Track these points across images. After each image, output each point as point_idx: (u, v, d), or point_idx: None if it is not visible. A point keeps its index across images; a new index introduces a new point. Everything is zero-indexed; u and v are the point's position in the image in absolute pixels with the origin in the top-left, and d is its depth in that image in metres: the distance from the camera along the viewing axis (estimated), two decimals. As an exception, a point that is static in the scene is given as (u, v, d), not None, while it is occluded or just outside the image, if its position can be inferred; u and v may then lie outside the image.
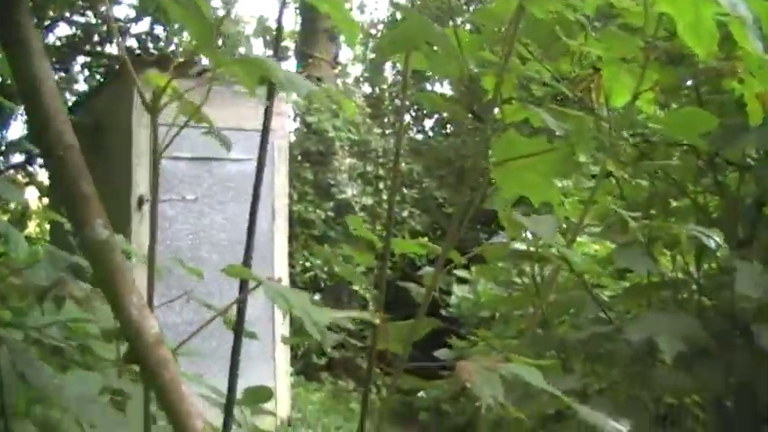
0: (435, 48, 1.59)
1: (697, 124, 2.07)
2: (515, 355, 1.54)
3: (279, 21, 1.76)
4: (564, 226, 2.32)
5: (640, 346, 2.68)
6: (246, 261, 1.59)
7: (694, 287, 2.94)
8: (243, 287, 1.49)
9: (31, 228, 11.81)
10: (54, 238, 8.77)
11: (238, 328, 1.56)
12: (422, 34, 1.44)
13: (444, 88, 14.37)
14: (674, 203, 3.12)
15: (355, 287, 9.75)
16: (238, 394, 2.24)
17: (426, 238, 6.25)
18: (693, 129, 2.11)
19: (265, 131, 1.73)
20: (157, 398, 1.06)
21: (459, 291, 8.59)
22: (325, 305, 9.03)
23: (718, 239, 2.24)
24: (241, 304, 1.57)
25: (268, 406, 2.37)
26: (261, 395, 2.34)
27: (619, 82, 2.06)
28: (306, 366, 9.54)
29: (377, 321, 1.48)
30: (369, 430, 1.85)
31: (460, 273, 7.96)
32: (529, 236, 2.97)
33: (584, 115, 1.89)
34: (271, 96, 1.85)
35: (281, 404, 7.57)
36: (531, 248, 2.84)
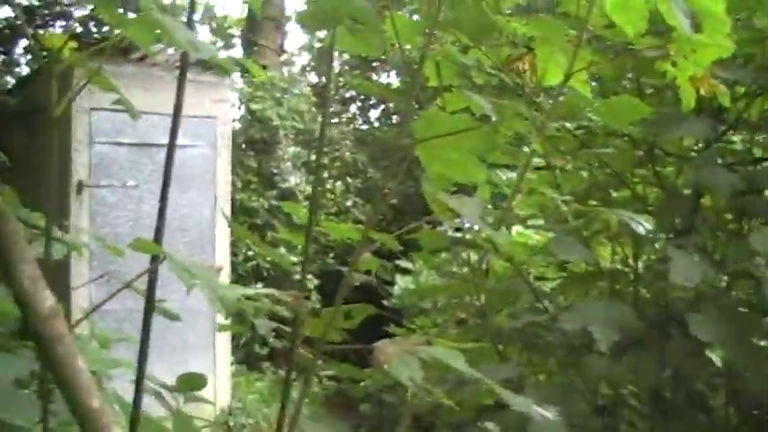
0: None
1: (630, 112, 2.07)
2: (439, 339, 1.52)
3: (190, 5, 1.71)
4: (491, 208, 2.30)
5: (575, 335, 2.68)
6: (157, 236, 1.55)
7: (632, 277, 2.94)
8: (153, 260, 1.45)
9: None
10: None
11: (149, 304, 1.51)
12: (344, 7, 1.40)
13: (392, 78, 14.39)
14: (614, 194, 3.12)
15: (297, 276, 9.72)
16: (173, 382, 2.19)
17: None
18: (627, 117, 2.10)
19: (177, 110, 1.68)
20: (52, 373, 1.02)
21: (401, 281, 8.60)
22: (264, 297, 9.00)
23: (648, 226, 2.23)
24: (152, 276, 1.52)
25: (208, 395, 2.33)
26: (195, 382, 2.29)
27: (552, 62, 2.05)
28: (247, 356, 9.48)
29: (288, 299, 1.43)
30: (298, 418, 1.81)
31: (404, 264, 7.98)
32: (467, 224, 2.96)
33: (515, 101, 1.88)
34: (182, 74, 1.78)
35: (222, 393, 7.51)
36: (467, 235, 2.82)
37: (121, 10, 1.12)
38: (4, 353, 2.19)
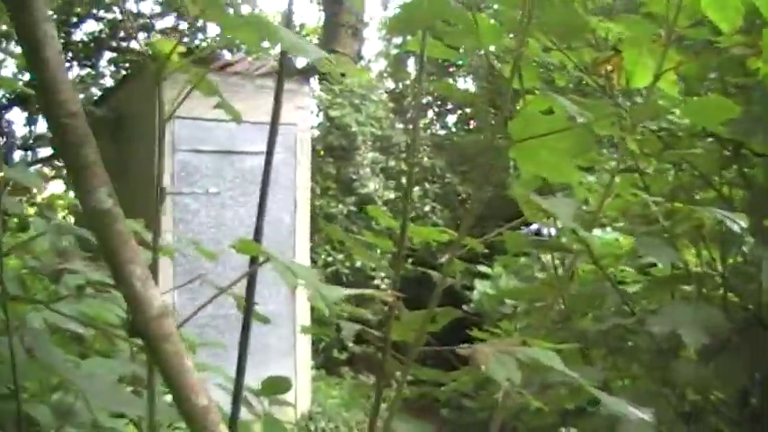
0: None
1: (718, 112, 2.03)
2: (534, 340, 1.51)
3: (288, 11, 1.74)
4: (584, 208, 2.28)
5: (663, 338, 2.64)
6: (257, 237, 1.57)
7: (719, 280, 2.88)
8: (253, 262, 1.46)
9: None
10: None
11: (248, 304, 1.53)
12: (437, 10, 1.40)
13: (468, 84, 14.35)
14: (699, 196, 3.07)
15: (377, 282, 9.74)
16: (257, 385, 2.20)
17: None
18: (715, 117, 2.07)
19: (275, 116, 1.70)
20: (160, 372, 1.04)
21: (480, 286, 8.56)
22: (347, 299, 9.06)
23: (743, 224, 2.19)
24: (251, 279, 1.53)
25: (289, 399, 2.33)
26: (280, 386, 2.30)
27: (640, 64, 2.03)
28: (327, 361, 9.53)
29: (389, 298, 1.44)
30: (391, 422, 1.82)
31: (483, 268, 7.95)
32: (552, 231, 2.94)
33: (604, 101, 1.86)
34: (280, 83, 1.81)
35: (302, 398, 7.57)
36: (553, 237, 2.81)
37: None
38: (102, 357, 2.25)
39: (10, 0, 0.99)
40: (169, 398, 1.07)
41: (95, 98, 10.17)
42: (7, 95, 10.73)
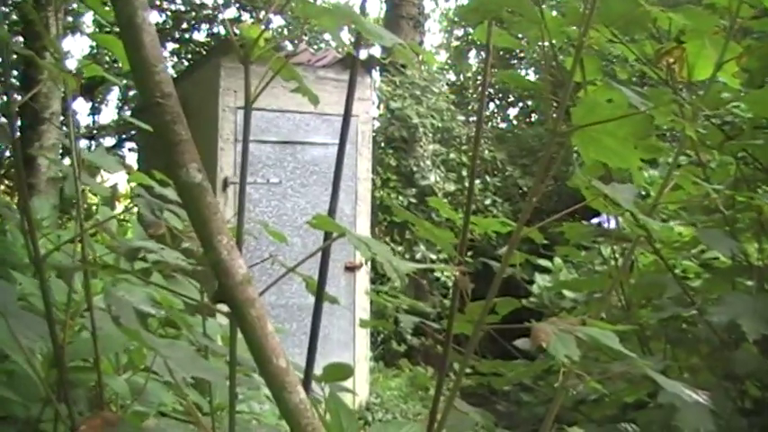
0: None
1: (780, 104, 2.07)
2: (592, 320, 1.57)
3: (362, 5, 1.81)
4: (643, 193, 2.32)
5: (722, 330, 2.67)
6: (331, 212, 1.65)
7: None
8: (326, 238, 1.55)
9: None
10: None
11: (321, 279, 1.61)
12: (504, 0, 1.47)
13: (530, 76, 14.32)
14: (762, 189, 3.09)
15: (438, 275, 9.80)
16: (318, 371, 2.27)
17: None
18: (777, 108, 2.10)
19: (348, 106, 1.78)
20: (244, 335, 1.12)
21: (540, 280, 8.57)
22: (405, 292, 9.09)
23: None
24: (324, 254, 1.62)
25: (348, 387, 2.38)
26: (341, 372, 2.33)
27: (702, 55, 2.07)
28: (385, 353, 9.62)
29: (457, 273, 1.51)
30: (449, 410, 1.87)
31: (543, 262, 7.97)
32: (614, 224, 2.97)
33: (664, 90, 1.91)
34: (353, 77, 1.88)
35: (360, 389, 7.65)
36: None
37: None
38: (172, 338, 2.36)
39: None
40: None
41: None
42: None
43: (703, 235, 2.64)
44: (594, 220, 4.44)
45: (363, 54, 8.17)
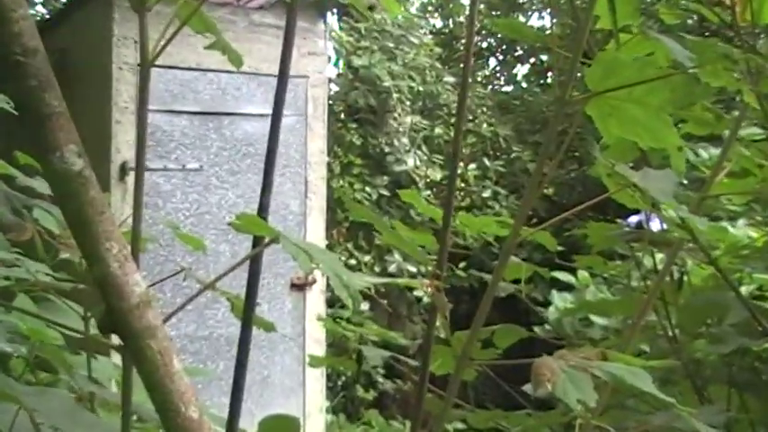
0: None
1: None
2: (617, 354, 1.59)
3: None
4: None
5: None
6: (262, 209, 1.67)
7: None
8: (256, 244, 1.57)
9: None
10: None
11: (249, 303, 1.63)
12: None
13: (544, 21, 14.39)
14: None
15: (417, 293, 9.82)
16: (251, 427, 2.27)
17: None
18: None
19: (285, 61, 1.79)
20: (141, 375, 1.14)
21: (559, 300, 8.58)
22: (375, 319, 9.11)
23: None
24: (254, 265, 1.64)
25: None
26: (283, 428, 2.34)
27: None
28: (348, 402, 9.64)
29: (427, 288, 1.53)
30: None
31: (562, 275, 8.00)
32: (657, 224, 3.00)
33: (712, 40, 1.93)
34: (290, 20, 1.88)
35: (313, 451, 7.67)
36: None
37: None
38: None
39: None
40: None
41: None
42: None
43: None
44: (633, 219, 4.48)
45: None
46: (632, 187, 1.76)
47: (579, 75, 1.61)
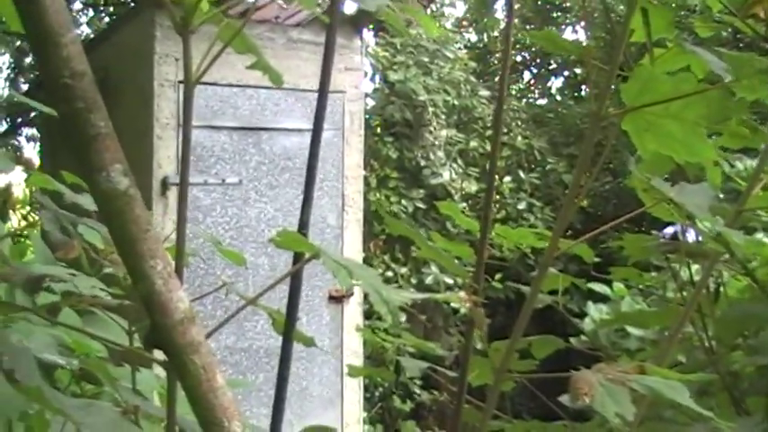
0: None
1: None
2: (653, 366, 1.59)
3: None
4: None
5: None
6: (302, 225, 1.69)
7: None
8: (298, 259, 1.58)
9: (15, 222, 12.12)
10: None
11: (290, 318, 1.64)
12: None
13: (579, 35, 14.38)
14: None
15: (454, 305, 9.81)
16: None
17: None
18: None
19: (325, 79, 1.81)
20: (185, 390, 1.15)
21: (595, 312, 8.58)
22: (412, 330, 9.12)
23: None
24: (295, 280, 1.65)
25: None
26: None
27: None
28: (385, 413, 9.64)
29: (466, 301, 1.54)
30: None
31: (598, 287, 7.99)
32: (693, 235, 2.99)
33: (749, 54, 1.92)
34: (330, 37, 1.90)
35: (351, 461, 7.68)
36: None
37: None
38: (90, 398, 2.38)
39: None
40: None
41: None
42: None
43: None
44: (668, 230, 4.46)
45: (351, 7, 8.18)
46: (668, 202, 1.76)
47: (613, 88, 1.61)
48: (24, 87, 13.32)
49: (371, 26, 9.14)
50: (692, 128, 1.52)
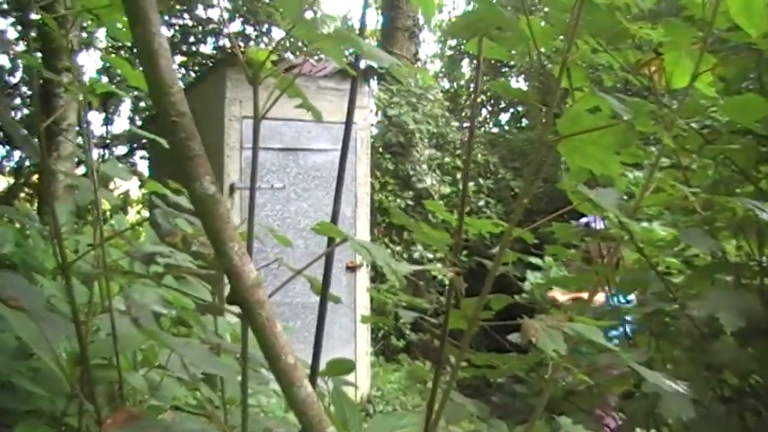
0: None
1: (755, 110, 2.10)
2: (579, 317, 1.61)
3: (362, 20, 1.83)
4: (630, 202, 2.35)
5: (702, 323, 2.70)
6: (334, 217, 1.69)
7: (756, 269, 2.94)
8: (330, 242, 1.58)
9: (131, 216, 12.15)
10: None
11: (325, 282, 1.65)
12: (492, 18, 1.50)
13: (520, 83, 14.37)
14: (739, 190, 3.12)
15: (434, 274, 9.81)
16: (322, 366, 2.29)
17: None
18: (751, 114, 2.14)
19: (350, 116, 1.82)
20: (255, 334, 1.16)
21: (531, 277, 8.61)
22: (404, 291, 9.12)
23: (772, 213, 2.25)
24: (328, 258, 1.65)
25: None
26: (343, 367, 2.36)
27: (679, 66, 2.11)
28: (385, 348, 9.65)
29: (451, 273, 1.55)
30: (445, 402, 1.90)
31: (534, 260, 8.00)
32: (600, 224, 3.01)
33: (645, 100, 1.94)
34: (354, 88, 1.92)
35: (361, 382, 7.69)
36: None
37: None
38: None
39: (130, 17, 1.12)
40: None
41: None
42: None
43: (685, 235, 2.67)
44: (582, 221, 4.46)
45: (362, 65, 8.18)
46: (588, 201, 1.76)
47: (544, 120, 1.62)
48: (138, 123, 13.44)
49: (376, 77, 9.16)
50: (606, 150, 1.53)
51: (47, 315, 1.49)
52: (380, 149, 10.37)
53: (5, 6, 10.40)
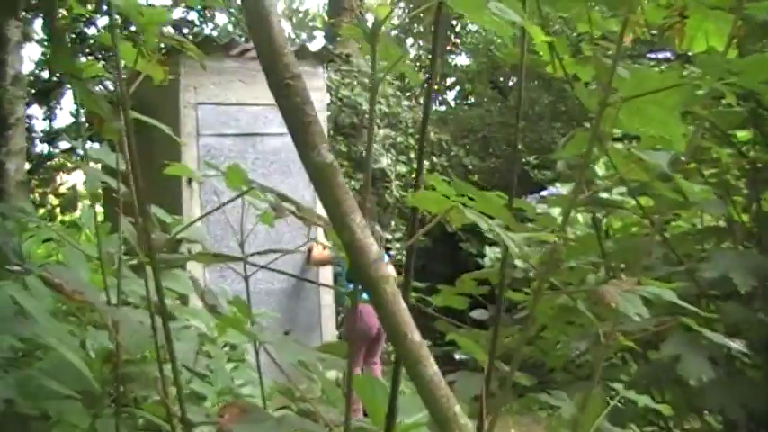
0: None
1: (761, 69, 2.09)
2: (648, 280, 1.58)
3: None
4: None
5: (707, 283, 2.72)
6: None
7: (750, 226, 2.97)
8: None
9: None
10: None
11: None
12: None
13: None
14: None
15: (393, 252, 9.79)
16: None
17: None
18: (758, 73, 2.12)
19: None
20: (378, 310, 1.09)
21: (491, 252, 8.62)
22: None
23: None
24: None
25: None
26: (337, 349, 2.34)
27: (701, 29, 2.08)
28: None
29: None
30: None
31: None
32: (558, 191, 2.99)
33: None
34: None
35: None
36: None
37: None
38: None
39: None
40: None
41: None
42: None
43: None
44: (538, 194, 4.50)
45: (315, 46, 8.18)
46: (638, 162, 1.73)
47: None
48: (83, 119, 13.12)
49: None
50: (671, 111, 1.49)
51: (115, 311, 1.41)
52: (331, 132, 10.30)
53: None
